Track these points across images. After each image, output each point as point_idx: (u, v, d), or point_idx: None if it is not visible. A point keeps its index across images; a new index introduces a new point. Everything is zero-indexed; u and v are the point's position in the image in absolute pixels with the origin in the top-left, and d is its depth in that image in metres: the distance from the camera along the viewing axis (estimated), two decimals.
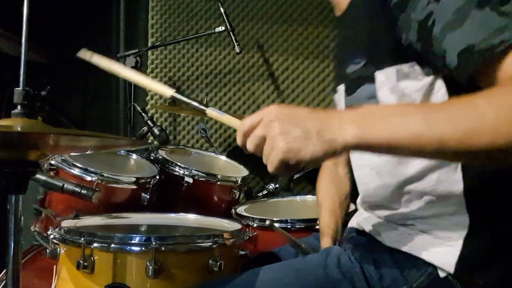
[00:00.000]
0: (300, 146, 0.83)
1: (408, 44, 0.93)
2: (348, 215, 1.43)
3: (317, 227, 1.61)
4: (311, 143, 0.83)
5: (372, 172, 1.08)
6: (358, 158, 1.12)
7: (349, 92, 1.09)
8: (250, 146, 0.89)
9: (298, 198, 2.14)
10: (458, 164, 0.96)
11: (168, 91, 1.04)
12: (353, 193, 1.24)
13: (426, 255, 1.00)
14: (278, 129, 0.84)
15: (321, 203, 1.39)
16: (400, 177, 1.02)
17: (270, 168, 0.86)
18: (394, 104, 0.98)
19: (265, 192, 2.24)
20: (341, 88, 1.14)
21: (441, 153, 0.83)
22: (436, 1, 0.87)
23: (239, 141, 0.92)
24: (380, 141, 0.83)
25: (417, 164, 0.99)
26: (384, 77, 0.99)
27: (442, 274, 0.99)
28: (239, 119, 0.96)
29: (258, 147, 0.88)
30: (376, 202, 1.10)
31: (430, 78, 0.95)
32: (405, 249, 1.03)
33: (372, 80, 1.01)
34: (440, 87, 0.95)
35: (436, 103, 0.94)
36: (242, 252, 1.29)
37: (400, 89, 0.97)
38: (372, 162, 1.07)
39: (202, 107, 1.02)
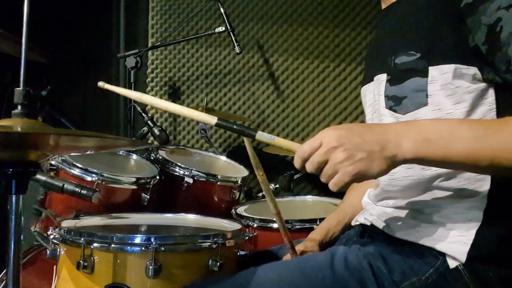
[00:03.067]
0: (367, 167, 0.90)
1: (474, 46, 0.95)
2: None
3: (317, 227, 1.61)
4: (375, 163, 0.90)
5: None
6: None
7: (394, 82, 1.09)
8: (311, 169, 0.93)
9: (298, 198, 2.14)
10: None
11: (211, 120, 1.03)
12: None
13: (438, 245, 1.02)
14: (343, 156, 0.89)
15: (339, 207, 1.45)
16: (432, 172, 1.04)
17: (335, 188, 0.92)
18: (445, 119, 1.00)
19: None
20: (381, 77, 1.13)
21: (495, 169, 0.90)
22: (506, 9, 0.90)
23: (297, 165, 0.95)
24: (435, 156, 0.90)
25: None
26: (438, 73, 1.00)
27: (452, 265, 1.00)
28: (289, 143, 1.00)
29: (318, 170, 0.93)
30: (396, 193, 1.11)
31: (483, 85, 0.98)
32: (415, 240, 1.04)
33: (424, 74, 1.02)
34: (490, 95, 0.99)
35: (485, 120, 0.98)
36: (242, 252, 1.29)
37: (453, 87, 0.99)
38: None
39: (250, 132, 1.02)
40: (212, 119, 1.03)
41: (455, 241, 1.00)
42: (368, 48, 1.36)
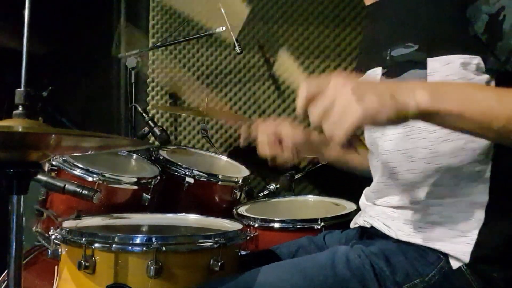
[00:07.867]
0: (376, 110, 0.80)
1: (474, 36, 0.94)
2: (348, 215, 1.42)
3: (317, 227, 1.61)
4: (386, 106, 0.81)
5: (403, 156, 1.08)
6: (386, 144, 1.12)
7: (391, 75, 1.07)
8: (316, 111, 0.83)
9: (299, 198, 2.14)
10: (489, 163, 0.99)
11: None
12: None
13: (441, 246, 1.01)
14: (351, 95, 0.80)
15: None
16: (433, 165, 1.03)
17: (341, 134, 0.81)
18: (460, 82, 0.97)
19: (266, 192, 2.24)
20: (376, 70, 1.12)
21: (506, 132, 0.83)
22: None
23: (300, 105, 0.86)
24: (451, 109, 0.83)
25: (454, 157, 1.01)
26: (439, 65, 0.99)
27: (455, 265, 1.00)
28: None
29: (325, 113, 0.82)
30: (396, 189, 1.10)
31: (486, 77, 0.97)
32: (418, 241, 1.04)
33: (423, 66, 1.01)
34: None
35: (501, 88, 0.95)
36: (243, 252, 1.29)
37: (456, 78, 0.97)
38: (404, 147, 1.07)
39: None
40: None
41: (458, 241, 1.00)
42: (360, 44, 1.34)
